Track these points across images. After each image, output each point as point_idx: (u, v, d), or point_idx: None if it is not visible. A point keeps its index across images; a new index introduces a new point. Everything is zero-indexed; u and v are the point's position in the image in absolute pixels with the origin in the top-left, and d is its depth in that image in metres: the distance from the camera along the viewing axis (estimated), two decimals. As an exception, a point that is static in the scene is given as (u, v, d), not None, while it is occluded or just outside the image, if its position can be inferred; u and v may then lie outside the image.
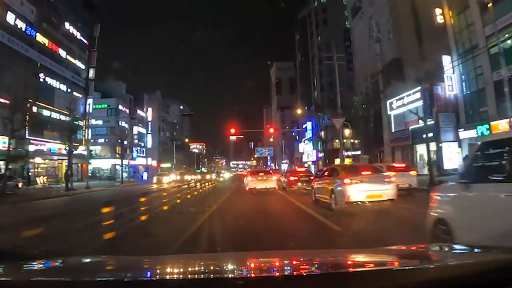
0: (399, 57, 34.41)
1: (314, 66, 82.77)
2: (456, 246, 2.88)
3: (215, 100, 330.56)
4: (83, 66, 48.30)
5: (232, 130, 36.08)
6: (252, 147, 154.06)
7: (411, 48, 31.91)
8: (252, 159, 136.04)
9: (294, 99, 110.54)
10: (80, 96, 46.74)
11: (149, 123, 68.59)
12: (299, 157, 71.07)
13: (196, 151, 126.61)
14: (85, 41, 48.96)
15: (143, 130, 67.09)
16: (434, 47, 28.71)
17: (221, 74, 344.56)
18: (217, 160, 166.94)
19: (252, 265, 2.24)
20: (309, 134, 61.55)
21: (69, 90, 43.76)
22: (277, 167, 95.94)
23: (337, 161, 52.85)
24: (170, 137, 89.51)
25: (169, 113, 34.60)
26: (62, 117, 41.09)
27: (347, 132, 51.53)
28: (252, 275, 1.92)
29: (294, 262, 2.25)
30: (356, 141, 55.11)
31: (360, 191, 9.60)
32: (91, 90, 48.88)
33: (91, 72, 49.02)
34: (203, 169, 55.19)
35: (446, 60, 28.89)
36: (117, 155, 55.01)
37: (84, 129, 46.28)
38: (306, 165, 64.40)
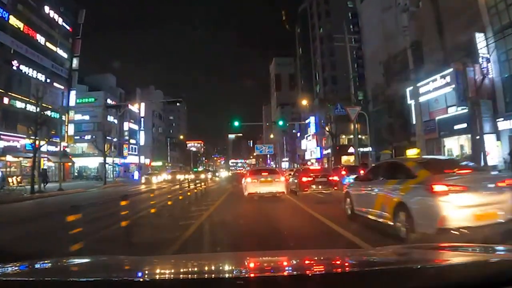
0: (419, 39, 29.77)
1: (316, 59, 78.30)
2: (457, 246, 2.55)
3: (214, 99, 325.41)
4: (65, 55, 43.44)
5: (236, 123, 31.83)
6: (251, 145, 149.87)
7: (436, 26, 27.30)
8: (251, 157, 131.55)
9: (294, 96, 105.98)
10: (62, 87, 41.88)
11: (142, 119, 63.70)
12: (301, 154, 66.24)
13: (194, 149, 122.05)
14: (68, 27, 44.10)
15: (136, 127, 62.20)
16: (464, 24, 24.10)
17: (221, 73, 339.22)
18: (215, 158, 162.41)
19: (252, 265, 2.22)
20: (312, 130, 56.90)
21: (48, 80, 38.94)
22: (276, 166, 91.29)
23: (345, 159, 48.26)
24: (166, 135, 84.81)
25: (151, 99, 29.63)
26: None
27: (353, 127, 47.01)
28: (252, 275, 1.84)
29: (295, 262, 2.25)
30: (363, 137, 50.60)
31: (465, 206, 4.89)
32: (74, 81, 44.09)
33: (75, 62, 44.21)
34: (199, 168, 50.08)
35: (479, 38, 24.20)
36: (105, 152, 50.57)
37: (66, 124, 41.52)
38: (309, 163, 59.75)
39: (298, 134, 76.59)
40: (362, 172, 21.73)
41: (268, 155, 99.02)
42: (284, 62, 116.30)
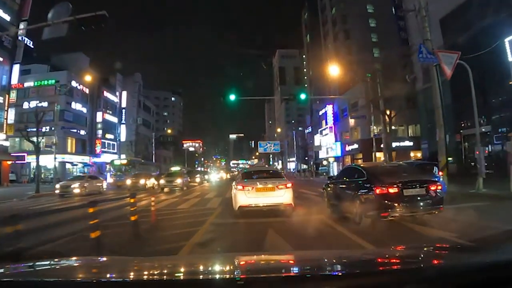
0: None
1: (328, 45, 67.45)
2: (456, 246, 2.65)
3: (215, 100, 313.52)
4: (7, 18, 31.89)
5: (232, 96, 19.82)
6: (253, 146, 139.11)
7: None
8: (254, 157, 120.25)
9: (300, 90, 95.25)
10: (1, 60, 30.47)
11: (123, 110, 52.07)
12: (317, 151, 54.22)
13: (192, 149, 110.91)
14: (12, -19, 32.63)
15: (114, 119, 50.50)
16: None
17: (222, 73, 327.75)
18: (215, 159, 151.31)
19: (252, 265, 2.18)
20: (329, 122, 45.28)
21: (-26, 46, 27.49)
22: (283, 167, 79.59)
23: (377, 156, 36.64)
24: (159, 132, 73.53)
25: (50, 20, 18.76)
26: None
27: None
28: (252, 275, 1.80)
29: (294, 263, 2.22)
30: (398, 128, 38.99)
31: None
32: (19, 53, 32.53)
33: (22, 27, 32.57)
34: (174, 168, 36.85)
35: None
36: (69, 149, 39.24)
37: (5, 109, 30.06)
38: (324, 162, 48.08)
39: (306, 130, 64.93)
40: (440, 174, 12.43)
41: (271, 155, 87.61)
42: (289, 54, 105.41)
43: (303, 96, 20.88)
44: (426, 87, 29.00)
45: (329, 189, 9.40)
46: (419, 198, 6.82)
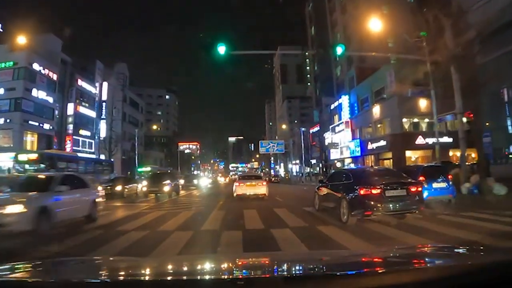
0: None
1: (336, 34, 60.65)
2: (456, 246, 2.51)
3: (215, 102, 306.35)
4: None
5: (221, 48, 12.08)
6: (252, 148, 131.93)
7: None
8: (253, 160, 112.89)
9: (302, 89, 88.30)
10: None
11: (104, 104, 44.47)
12: (328, 151, 46.50)
13: (188, 151, 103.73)
14: None
15: (92, 113, 42.89)
16: None
17: (221, 74, 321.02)
18: (213, 162, 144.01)
19: (252, 265, 2.16)
20: (345, 116, 37.79)
21: None
22: (286, 169, 72.27)
23: (409, 155, 29.04)
24: (149, 131, 66.13)
25: None
26: None
27: (422, 104, 28.14)
28: (252, 275, 1.78)
29: (294, 263, 2.18)
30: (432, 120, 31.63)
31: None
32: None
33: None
34: (143, 169, 27.80)
35: None
36: (28, 146, 31.72)
37: None
38: (338, 164, 40.55)
39: (312, 130, 57.31)
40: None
41: (272, 157, 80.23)
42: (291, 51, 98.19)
43: (339, 50, 13.53)
44: (486, 60, 21.78)
45: (319, 191, 10.03)
46: (399, 198, 7.37)
